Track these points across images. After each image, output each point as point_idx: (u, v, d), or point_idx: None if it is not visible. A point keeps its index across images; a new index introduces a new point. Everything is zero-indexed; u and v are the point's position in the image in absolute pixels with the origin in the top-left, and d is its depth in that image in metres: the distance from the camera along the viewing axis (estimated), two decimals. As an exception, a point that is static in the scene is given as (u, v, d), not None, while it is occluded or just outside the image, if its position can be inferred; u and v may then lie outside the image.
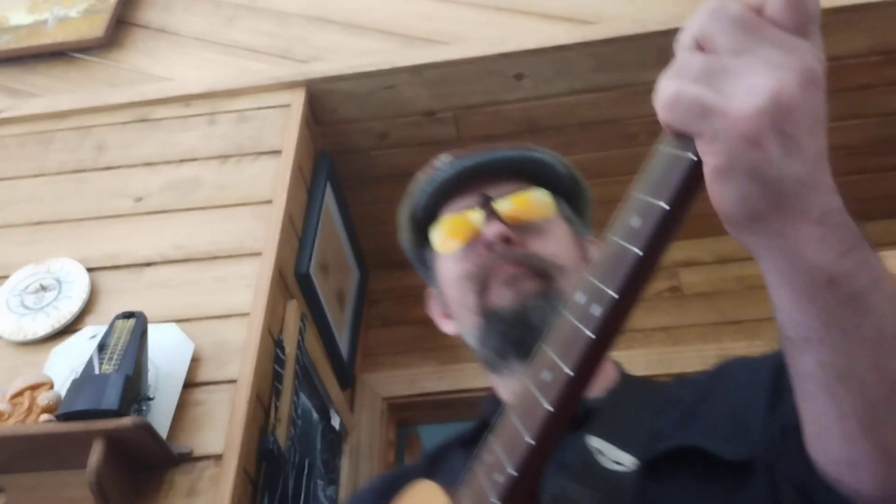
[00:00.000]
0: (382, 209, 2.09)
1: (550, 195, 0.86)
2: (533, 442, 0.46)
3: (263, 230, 1.50)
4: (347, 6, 1.93)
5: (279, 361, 1.42)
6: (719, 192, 0.42)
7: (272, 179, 1.59)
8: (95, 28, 1.95)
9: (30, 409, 1.17)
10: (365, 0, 1.93)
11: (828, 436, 0.48)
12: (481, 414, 0.83)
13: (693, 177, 0.42)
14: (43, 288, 1.45)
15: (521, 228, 0.82)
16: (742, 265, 2.08)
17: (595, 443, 0.66)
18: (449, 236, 0.85)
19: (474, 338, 0.82)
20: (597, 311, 0.44)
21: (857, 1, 1.62)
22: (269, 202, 1.55)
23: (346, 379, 1.92)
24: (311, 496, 1.54)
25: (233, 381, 1.29)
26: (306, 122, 1.75)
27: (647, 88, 1.88)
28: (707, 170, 0.42)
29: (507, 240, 0.80)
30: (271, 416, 1.36)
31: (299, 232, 1.66)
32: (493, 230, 0.80)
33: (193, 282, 1.45)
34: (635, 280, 0.43)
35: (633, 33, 1.69)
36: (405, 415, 2.15)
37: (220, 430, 1.24)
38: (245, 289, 1.42)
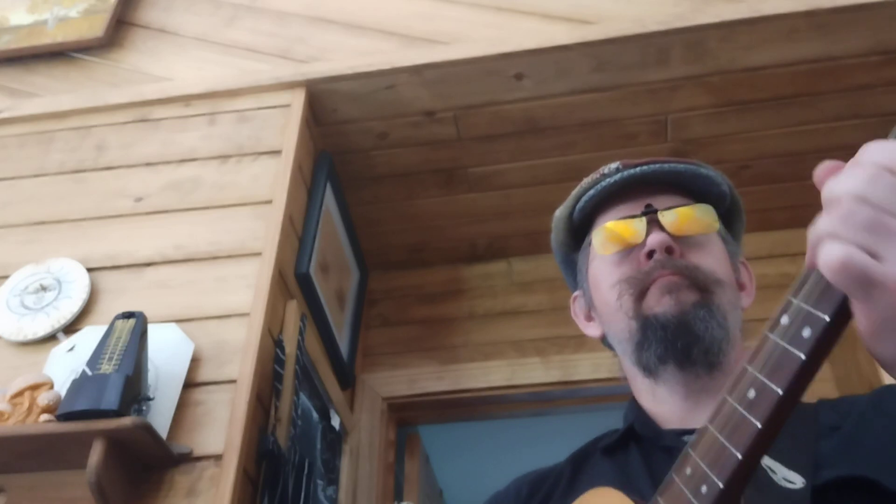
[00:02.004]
0: (382, 209, 2.10)
1: (713, 212, 0.87)
2: (741, 456, 0.49)
3: (263, 230, 1.50)
4: (347, 6, 1.93)
5: (279, 361, 1.42)
6: (871, 343, 0.46)
7: (272, 179, 1.59)
8: (95, 28, 1.95)
9: (30, 409, 1.17)
10: (365, 0, 1.93)
11: None
12: (625, 420, 0.84)
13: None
14: (43, 288, 1.45)
15: (682, 241, 0.83)
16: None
17: (766, 461, 0.67)
18: (610, 240, 0.85)
19: (629, 342, 0.82)
20: (808, 333, 0.47)
21: (857, 1, 1.62)
22: (269, 202, 1.55)
23: (346, 379, 1.92)
24: (311, 496, 1.54)
25: (233, 381, 1.30)
26: (306, 122, 1.75)
27: (648, 88, 1.89)
28: (861, 328, 0.45)
29: (668, 250, 0.81)
30: (271, 416, 1.36)
31: (299, 232, 1.66)
32: (657, 239, 0.81)
33: (193, 282, 1.45)
34: (847, 307, 0.46)
35: (633, 33, 1.69)
36: (405, 415, 2.15)
37: (220, 430, 1.24)
38: (245, 289, 1.42)
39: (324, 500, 1.67)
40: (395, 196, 2.06)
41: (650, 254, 0.81)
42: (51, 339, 1.39)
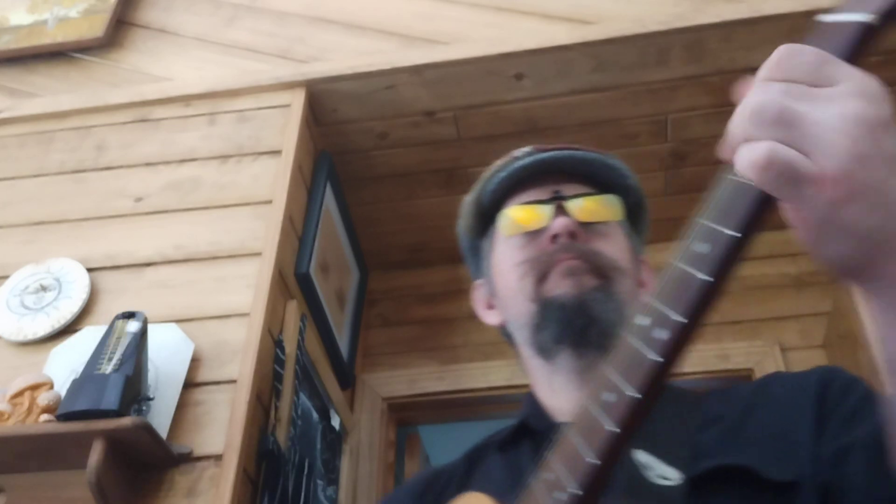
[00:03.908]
0: (382, 209, 2.10)
1: (619, 203, 0.88)
2: (596, 462, 0.47)
3: (263, 230, 1.50)
4: (347, 6, 1.93)
5: (279, 361, 1.42)
6: (815, 251, 0.44)
7: (272, 179, 1.59)
8: (95, 28, 1.95)
9: (30, 409, 1.17)
10: (365, 0, 1.93)
11: None
12: (519, 415, 0.83)
13: (758, 203, 0.43)
14: (43, 288, 1.45)
15: (586, 227, 0.83)
16: (741, 265, 2.08)
17: (641, 457, 0.66)
18: (516, 222, 0.86)
19: (526, 325, 0.82)
20: (662, 335, 0.45)
21: (857, 1, 1.62)
22: (269, 202, 1.55)
23: (346, 379, 1.92)
24: (311, 496, 1.54)
25: (233, 381, 1.30)
26: (306, 122, 1.75)
27: (648, 88, 1.89)
28: (802, 237, 0.43)
29: (572, 235, 0.81)
30: (271, 416, 1.36)
31: (299, 232, 1.65)
32: (562, 223, 0.82)
33: (193, 282, 1.45)
34: (702, 306, 0.44)
35: (633, 33, 1.69)
36: (405, 415, 2.15)
37: (220, 430, 1.24)
38: (245, 289, 1.42)
39: (324, 500, 1.67)
40: (395, 196, 2.06)
41: (554, 238, 0.81)
42: (51, 338, 1.39)
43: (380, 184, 2.02)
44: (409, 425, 2.25)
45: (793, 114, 0.41)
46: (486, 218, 0.91)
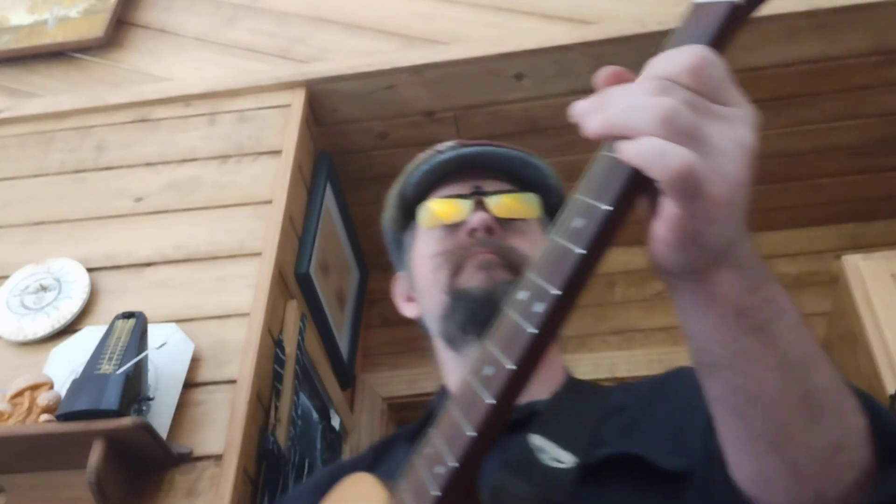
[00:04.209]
0: (382, 209, 2.10)
1: (539, 202, 0.89)
2: (474, 434, 0.48)
3: (263, 230, 1.50)
4: (347, 6, 1.93)
5: (279, 361, 1.42)
6: (664, 255, 0.45)
7: (272, 179, 1.59)
8: (95, 28, 1.95)
9: (30, 409, 1.17)
10: (365, 0, 1.93)
11: (741, 455, 0.52)
12: (430, 408, 0.84)
13: (635, 181, 0.44)
14: (43, 288, 1.45)
15: (504, 223, 0.85)
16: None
17: (537, 441, 0.68)
18: (435, 215, 0.87)
19: (436, 317, 0.83)
20: (539, 307, 0.46)
21: (857, 1, 1.62)
22: (269, 202, 1.55)
23: (346, 379, 1.92)
24: (311, 496, 1.53)
25: (233, 381, 1.30)
26: (306, 122, 1.75)
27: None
28: (661, 234, 0.44)
29: (489, 230, 0.83)
30: (271, 416, 1.36)
31: (299, 232, 1.65)
32: (479, 218, 0.83)
33: (193, 282, 1.45)
34: (577, 278, 0.45)
35: (633, 33, 1.69)
36: (405, 415, 2.14)
37: (220, 430, 1.24)
38: (245, 289, 1.42)
39: (324, 500, 1.67)
40: (395, 196, 2.06)
41: (472, 232, 0.83)
42: (51, 339, 1.39)
43: (380, 184, 2.00)
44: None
45: (703, 133, 0.42)
46: (408, 211, 0.92)
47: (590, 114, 0.46)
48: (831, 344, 1.87)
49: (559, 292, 0.45)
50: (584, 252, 0.45)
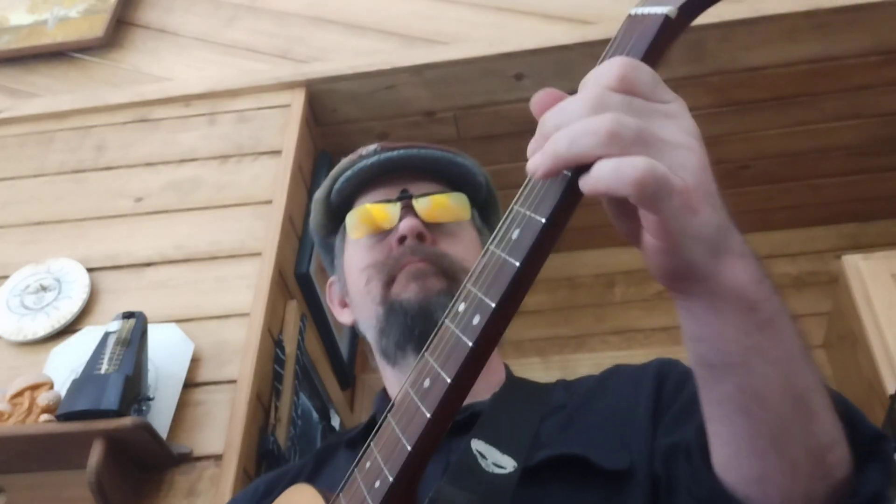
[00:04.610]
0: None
1: (468, 201, 0.88)
2: (411, 448, 0.48)
3: (263, 230, 1.50)
4: (347, 6, 1.93)
5: (279, 361, 1.42)
6: (665, 264, 0.45)
7: (272, 179, 1.59)
8: (95, 28, 1.95)
9: (30, 409, 1.17)
10: (365, 0, 1.93)
11: (741, 455, 0.51)
12: (371, 413, 0.84)
13: (572, 193, 0.44)
14: (43, 288, 1.45)
15: (434, 228, 0.83)
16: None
17: (478, 446, 0.67)
18: (363, 223, 0.85)
19: (373, 328, 0.82)
20: (477, 320, 0.46)
21: (857, 1, 1.62)
22: (269, 202, 1.55)
23: (346, 379, 1.92)
24: (311, 496, 1.53)
25: (233, 381, 1.30)
26: (306, 122, 1.75)
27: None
28: (657, 244, 0.44)
29: (419, 236, 0.81)
30: (271, 416, 1.36)
31: (299, 232, 1.65)
32: (408, 224, 0.81)
33: (193, 282, 1.45)
34: (514, 291, 0.45)
35: (633, 33, 1.68)
36: (405, 415, 2.15)
37: (220, 430, 1.24)
38: (245, 289, 1.42)
39: (324, 500, 1.67)
40: (395, 196, 2.06)
41: (402, 239, 0.81)
42: (51, 339, 1.39)
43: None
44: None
45: (651, 133, 0.43)
46: (335, 216, 0.91)
47: (536, 155, 0.44)
48: (831, 344, 1.87)
49: (497, 305, 0.45)
50: (519, 265, 0.44)
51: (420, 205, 0.83)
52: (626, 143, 0.42)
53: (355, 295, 0.85)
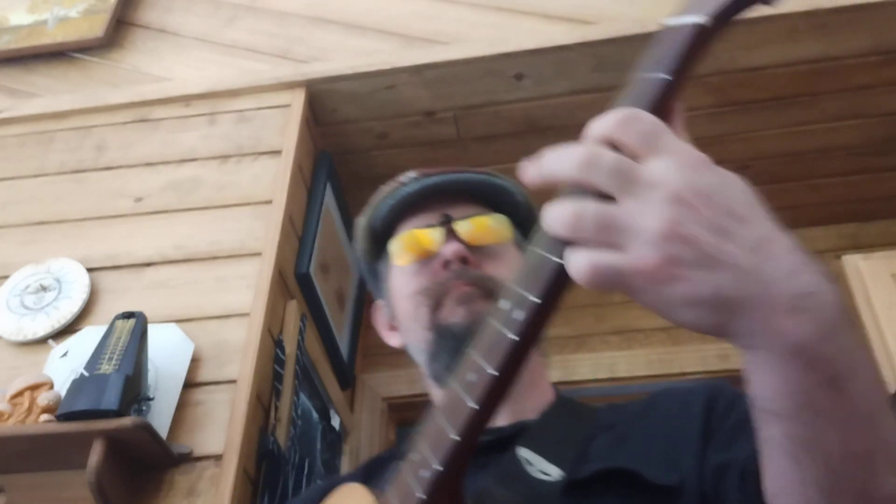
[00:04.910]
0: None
1: (508, 222, 0.89)
2: (458, 438, 0.49)
3: (263, 230, 1.50)
4: (347, 6, 1.93)
5: (279, 361, 1.42)
6: (677, 320, 0.43)
7: (272, 179, 1.59)
8: (95, 28, 1.95)
9: (30, 409, 1.17)
10: (365, 0, 1.93)
11: (786, 494, 0.49)
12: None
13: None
14: (43, 288, 1.45)
15: (477, 250, 0.84)
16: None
17: (524, 453, 0.68)
18: (407, 250, 0.87)
19: (423, 352, 0.84)
20: (519, 315, 0.47)
21: (857, 1, 1.62)
22: (269, 202, 1.55)
23: (346, 379, 1.92)
24: (311, 496, 1.53)
25: (233, 381, 1.29)
26: (306, 122, 1.75)
27: (647, 88, 1.80)
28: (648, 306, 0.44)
29: (463, 260, 0.82)
30: (271, 416, 1.36)
31: (299, 232, 1.65)
32: (451, 249, 0.83)
33: (193, 282, 1.45)
34: (555, 286, 0.46)
35: (633, 33, 1.69)
36: (405, 415, 2.14)
37: (220, 430, 1.24)
38: (245, 289, 1.42)
39: (324, 500, 1.67)
40: (395, 196, 2.06)
41: (446, 264, 0.82)
42: (51, 338, 1.39)
43: (380, 184, 2.00)
44: (409, 425, 2.25)
45: (610, 216, 0.42)
46: (378, 242, 0.92)
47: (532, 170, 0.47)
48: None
49: (538, 300, 0.46)
50: (560, 262, 0.45)
51: (462, 228, 0.85)
52: (587, 233, 0.42)
53: (404, 320, 0.88)
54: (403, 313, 0.87)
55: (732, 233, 0.42)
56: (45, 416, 1.16)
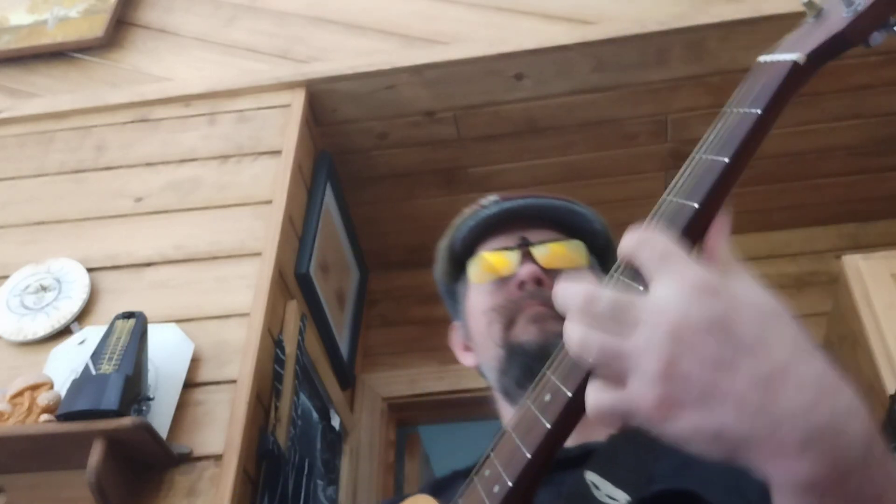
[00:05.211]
0: (382, 209, 2.10)
1: (584, 248, 0.91)
2: (530, 456, 0.50)
3: (263, 230, 1.50)
4: (347, 6, 1.93)
5: (279, 361, 1.42)
6: (688, 450, 0.43)
7: (272, 179, 1.59)
8: (95, 28, 1.95)
9: (30, 410, 1.17)
10: (365, 0, 1.93)
11: None
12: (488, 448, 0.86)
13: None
14: (43, 288, 1.45)
15: (552, 274, 0.86)
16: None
17: (592, 477, 0.69)
18: (484, 270, 0.90)
19: (493, 369, 0.85)
20: None
21: (857, 1, 1.62)
22: (269, 202, 1.55)
23: (346, 379, 1.92)
24: (311, 496, 1.54)
25: (233, 381, 1.29)
26: (306, 122, 1.75)
27: (648, 88, 1.89)
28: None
29: (538, 281, 0.84)
30: (271, 416, 1.36)
31: (299, 232, 1.65)
32: (527, 270, 0.85)
33: (193, 282, 1.45)
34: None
35: (633, 33, 1.69)
36: (405, 415, 2.15)
37: (220, 430, 1.24)
38: (245, 289, 1.42)
39: (324, 500, 1.67)
40: (395, 196, 2.06)
41: (521, 284, 0.85)
42: (51, 339, 1.39)
43: (380, 184, 2.02)
44: (409, 425, 2.25)
45: (612, 351, 0.42)
46: (458, 263, 0.95)
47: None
48: (831, 344, 1.87)
49: None
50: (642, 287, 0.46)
51: (538, 252, 0.87)
52: (591, 360, 0.43)
53: (477, 337, 0.89)
54: (477, 330, 0.89)
55: (736, 367, 0.40)
56: (45, 416, 1.16)
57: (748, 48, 1.70)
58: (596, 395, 0.43)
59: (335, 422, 1.83)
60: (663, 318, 0.41)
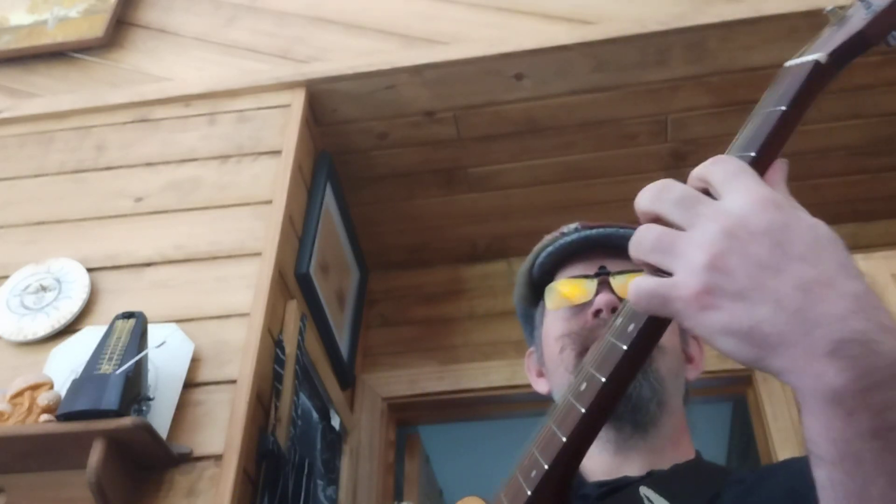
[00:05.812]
0: (382, 209, 2.10)
1: None
2: (565, 440, 0.52)
3: (263, 230, 1.50)
4: (347, 6, 1.93)
5: (279, 361, 1.42)
6: (716, 347, 0.44)
7: (272, 179, 1.59)
8: (95, 28, 1.95)
9: (30, 409, 1.17)
10: (365, 0, 1.93)
11: None
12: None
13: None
14: (43, 288, 1.45)
15: None
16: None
17: (646, 492, 0.70)
18: (561, 296, 0.90)
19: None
20: (631, 328, 0.50)
21: (857, 1, 1.62)
22: (269, 202, 1.55)
23: (346, 379, 1.92)
24: (311, 496, 1.54)
25: (233, 381, 1.30)
26: (306, 122, 1.75)
27: (648, 88, 1.89)
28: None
29: (614, 310, 0.84)
30: (271, 416, 1.36)
31: (299, 232, 1.65)
32: (604, 299, 0.85)
33: (193, 282, 1.45)
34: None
35: (633, 33, 1.69)
36: (405, 415, 2.14)
37: (220, 430, 1.24)
38: (245, 289, 1.42)
39: (324, 500, 1.67)
40: (395, 196, 2.06)
41: (597, 313, 0.85)
42: (51, 339, 1.39)
43: (380, 184, 2.02)
44: (409, 425, 2.25)
45: (664, 241, 0.45)
46: (537, 288, 0.96)
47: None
48: (831, 344, 1.87)
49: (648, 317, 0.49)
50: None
51: (616, 281, 0.87)
52: (645, 254, 0.46)
53: (550, 362, 0.90)
54: (550, 357, 0.89)
55: (782, 270, 0.42)
56: (45, 416, 1.16)
57: (748, 48, 1.70)
58: (640, 280, 0.45)
59: (335, 422, 1.83)
60: (724, 216, 0.43)
